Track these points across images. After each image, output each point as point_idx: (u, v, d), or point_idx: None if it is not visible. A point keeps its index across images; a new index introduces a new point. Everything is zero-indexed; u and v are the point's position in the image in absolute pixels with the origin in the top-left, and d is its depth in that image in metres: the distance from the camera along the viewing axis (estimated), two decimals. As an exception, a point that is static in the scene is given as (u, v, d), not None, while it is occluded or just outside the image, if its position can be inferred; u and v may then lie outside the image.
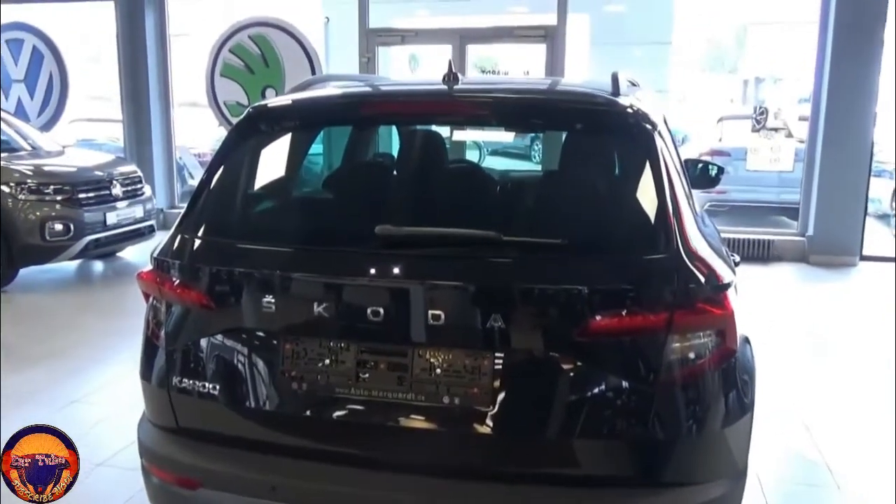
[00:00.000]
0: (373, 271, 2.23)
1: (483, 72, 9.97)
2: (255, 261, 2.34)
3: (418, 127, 3.11)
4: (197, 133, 11.92)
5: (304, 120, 2.81)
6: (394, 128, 3.83)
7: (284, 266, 2.31)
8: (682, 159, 3.20)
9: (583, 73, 12.79)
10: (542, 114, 2.61)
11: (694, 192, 2.98)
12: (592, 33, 14.19)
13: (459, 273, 2.19)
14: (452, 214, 2.43)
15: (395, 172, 3.38)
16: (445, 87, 2.58)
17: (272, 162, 2.81)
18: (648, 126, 2.39)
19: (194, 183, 11.40)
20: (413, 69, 11.92)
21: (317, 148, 4.84)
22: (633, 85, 3.24)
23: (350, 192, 2.85)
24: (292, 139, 2.91)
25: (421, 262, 2.22)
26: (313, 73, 8.30)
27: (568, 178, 2.78)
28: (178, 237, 2.48)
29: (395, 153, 3.61)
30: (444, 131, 3.33)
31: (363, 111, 2.77)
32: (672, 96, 16.37)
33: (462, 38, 8.92)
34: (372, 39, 9.08)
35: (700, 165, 4.16)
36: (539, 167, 11.22)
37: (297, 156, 3.02)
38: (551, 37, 8.69)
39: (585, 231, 2.33)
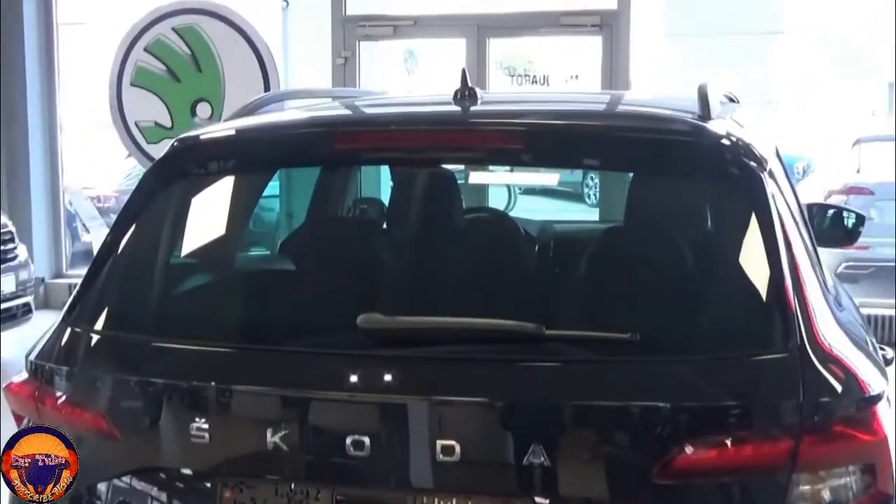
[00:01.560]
0: (353, 381, 2.23)
1: (511, 76, 10.07)
2: (181, 366, 2.35)
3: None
4: (96, 167, 12.05)
5: (254, 158, 2.83)
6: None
7: (223, 374, 2.31)
8: (804, 205, 3.21)
9: (655, 78, 12.94)
10: (600, 148, 2.63)
11: (822, 250, 2.99)
12: (668, 21, 14.41)
13: (482, 384, 2.19)
14: (470, 295, 2.43)
15: (385, 228, 3.40)
16: (458, 108, 2.61)
17: (207, 218, 2.84)
18: (754, 164, 2.42)
19: (91, 240, 11.26)
20: (410, 71, 12.09)
21: (272, 188, 4.87)
22: (731, 101, 3.28)
23: (319, 262, 2.87)
24: (236, 185, 2.94)
25: (424, 367, 2.23)
26: (265, 80, 8.36)
27: (639, 240, 2.79)
28: (68, 330, 2.49)
29: (385, 199, 3.64)
30: (456, 165, 3.36)
31: (338, 146, 2.77)
32: (785, 107, 16.51)
33: (481, 29, 9.02)
34: (351, 31, 9.19)
35: (830, 213, 4.19)
36: (595, 213, 11.27)
37: (242, 209, 3.05)
38: (610, 26, 8.78)
39: (667, 320, 2.33)
